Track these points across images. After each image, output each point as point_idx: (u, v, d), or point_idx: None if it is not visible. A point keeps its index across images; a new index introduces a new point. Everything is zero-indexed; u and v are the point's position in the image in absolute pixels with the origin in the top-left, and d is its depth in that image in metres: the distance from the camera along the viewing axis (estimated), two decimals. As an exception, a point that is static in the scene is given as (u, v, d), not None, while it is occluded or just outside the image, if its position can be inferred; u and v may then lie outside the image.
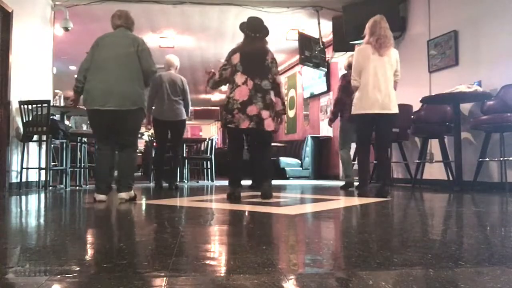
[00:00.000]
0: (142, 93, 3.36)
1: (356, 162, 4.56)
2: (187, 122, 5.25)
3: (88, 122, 3.44)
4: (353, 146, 5.23)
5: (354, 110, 3.74)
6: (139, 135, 3.93)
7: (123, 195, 3.27)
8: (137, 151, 3.50)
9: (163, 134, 5.02)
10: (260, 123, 3.37)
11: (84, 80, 3.32)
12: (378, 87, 3.59)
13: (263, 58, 3.51)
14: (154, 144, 5.82)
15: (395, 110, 3.66)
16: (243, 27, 3.64)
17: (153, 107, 4.90)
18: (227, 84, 3.58)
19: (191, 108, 5.28)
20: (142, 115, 3.47)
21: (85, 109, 3.37)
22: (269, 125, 3.42)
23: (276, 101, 3.51)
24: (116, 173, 3.49)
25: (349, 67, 5.03)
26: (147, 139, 8.47)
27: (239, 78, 3.42)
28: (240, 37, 3.71)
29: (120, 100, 3.20)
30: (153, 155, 5.97)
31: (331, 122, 5.30)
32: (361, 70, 3.66)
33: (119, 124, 3.27)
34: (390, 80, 3.67)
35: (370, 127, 3.75)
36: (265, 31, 3.64)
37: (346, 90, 4.81)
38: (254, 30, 3.58)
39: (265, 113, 3.38)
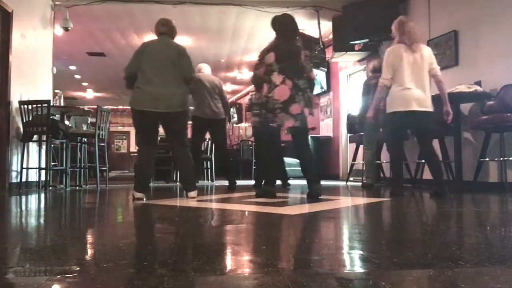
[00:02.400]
0: (187, 96, 3.65)
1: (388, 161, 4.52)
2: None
3: (133, 123, 3.62)
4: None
5: (389, 109, 3.70)
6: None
7: (193, 193, 3.56)
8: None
9: (203, 133, 5.18)
10: (304, 121, 3.45)
11: (130, 75, 3.53)
12: (414, 85, 3.58)
13: (297, 57, 3.52)
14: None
15: (430, 107, 3.65)
16: (275, 26, 3.63)
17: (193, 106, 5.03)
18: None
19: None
20: (187, 117, 3.72)
21: (132, 109, 3.52)
22: (311, 122, 3.54)
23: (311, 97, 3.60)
24: (179, 174, 3.82)
25: (374, 70, 5.11)
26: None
27: (276, 77, 3.41)
28: (239, 37, 3.72)
29: (168, 104, 3.43)
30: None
31: (359, 126, 5.35)
32: (393, 70, 3.65)
33: (168, 126, 3.56)
34: (426, 77, 3.66)
35: (405, 125, 3.70)
36: (297, 30, 3.67)
37: (369, 94, 4.90)
38: (288, 30, 3.59)
39: (307, 111, 3.45)
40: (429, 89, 3.68)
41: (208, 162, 7.44)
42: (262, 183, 5.12)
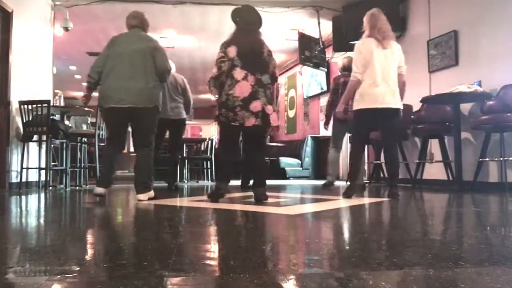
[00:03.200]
0: (157, 91, 3.42)
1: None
2: (188, 121, 5.26)
3: (103, 121, 3.50)
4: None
5: (357, 105, 3.58)
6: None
7: (141, 196, 3.36)
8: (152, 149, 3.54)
9: (162, 132, 4.96)
10: (265, 119, 3.22)
11: (96, 77, 3.40)
12: (383, 81, 3.48)
13: (260, 51, 3.33)
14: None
15: (399, 105, 3.57)
16: (235, 18, 3.44)
17: None
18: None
19: (192, 108, 5.29)
20: (158, 114, 3.49)
21: (100, 108, 3.46)
22: (274, 120, 3.27)
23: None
24: (135, 173, 3.56)
25: (343, 69, 5.13)
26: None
27: (238, 73, 3.21)
28: None
29: (135, 98, 3.28)
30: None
31: (326, 125, 5.40)
32: (364, 64, 3.52)
33: (135, 122, 3.38)
34: (395, 74, 3.56)
35: (371, 123, 3.61)
36: (260, 22, 3.46)
37: (337, 92, 4.95)
38: (249, 22, 3.41)
39: (269, 108, 3.24)
40: (397, 86, 3.57)
41: (208, 162, 7.44)
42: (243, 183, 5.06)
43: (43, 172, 5.09)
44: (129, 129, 3.58)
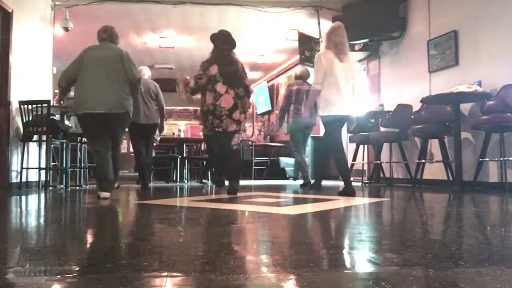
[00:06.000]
0: (128, 98, 3.70)
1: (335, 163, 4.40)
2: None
3: (80, 127, 3.81)
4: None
5: (323, 113, 3.93)
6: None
7: (105, 194, 3.53)
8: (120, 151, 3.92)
9: (137, 136, 5.20)
10: (240, 125, 4.02)
11: (64, 84, 3.71)
12: (343, 90, 3.82)
13: (236, 69, 3.96)
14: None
15: (356, 112, 4.03)
16: (214, 39, 4.08)
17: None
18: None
19: (165, 109, 5.59)
20: (128, 118, 3.78)
21: (76, 114, 3.72)
22: (243, 125, 4.05)
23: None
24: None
25: (296, 77, 5.58)
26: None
27: (221, 87, 3.83)
28: (239, 37, 4.00)
29: (109, 105, 3.55)
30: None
31: (279, 127, 5.82)
32: (325, 74, 3.84)
33: (109, 126, 3.63)
34: (351, 85, 3.91)
35: (340, 127, 4.02)
36: (233, 44, 4.05)
37: (290, 98, 5.42)
38: (224, 43, 4.03)
39: (242, 117, 3.98)
40: (352, 96, 3.93)
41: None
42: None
43: (43, 172, 5.09)
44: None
